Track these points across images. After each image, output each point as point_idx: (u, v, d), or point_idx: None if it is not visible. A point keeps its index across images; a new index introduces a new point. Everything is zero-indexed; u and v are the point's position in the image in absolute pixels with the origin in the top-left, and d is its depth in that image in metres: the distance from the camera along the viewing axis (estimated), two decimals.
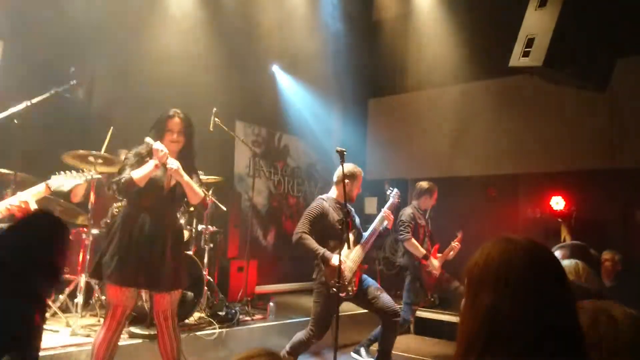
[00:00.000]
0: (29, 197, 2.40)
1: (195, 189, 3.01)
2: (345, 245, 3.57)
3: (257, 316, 5.20)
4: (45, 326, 4.04)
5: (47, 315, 4.23)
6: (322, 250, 3.63)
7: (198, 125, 3.36)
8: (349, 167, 3.87)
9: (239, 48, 6.66)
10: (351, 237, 3.69)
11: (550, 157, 6.55)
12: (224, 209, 5.38)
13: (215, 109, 5.03)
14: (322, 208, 3.81)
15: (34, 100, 3.87)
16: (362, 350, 4.56)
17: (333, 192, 3.97)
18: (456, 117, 7.49)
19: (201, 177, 3.41)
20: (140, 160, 2.94)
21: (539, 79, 4.56)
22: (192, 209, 4.91)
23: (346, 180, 3.75)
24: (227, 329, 4.52)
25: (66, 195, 4.26)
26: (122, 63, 5.64)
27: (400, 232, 4.72)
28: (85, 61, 5.11)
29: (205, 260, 5.03)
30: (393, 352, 4.00)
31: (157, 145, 2.89)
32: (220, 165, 6.13)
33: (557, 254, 2.13)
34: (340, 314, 3.29)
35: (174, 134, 3.01)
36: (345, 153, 3.55)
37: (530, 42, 3.94)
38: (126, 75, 5.66)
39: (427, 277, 4.72)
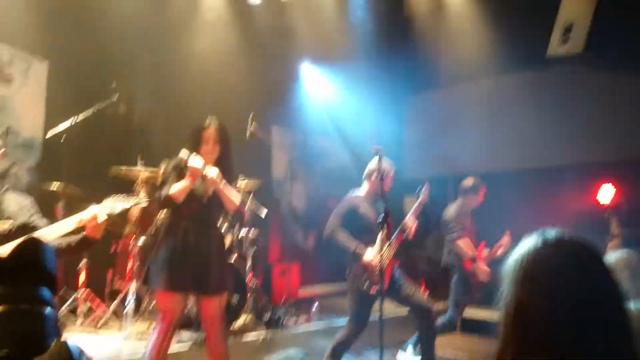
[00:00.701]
0: (100, 210, 2.50)
1: (231, 197, 3.06)
2: (378, 242, 3.54)
3: (302, 318, 5.24)
4: (100, 332, 4.23)
5: (102, 321, 4.41)
6: (354, 246, 3.63)
7: (235, 132, 3.42)
8: (374, 162, 3.86)
9: (271, 52, 6.73)
10: (382, 234, 3.66)
11: (595, 147, 6.31)
12: (264, 213, 5.44)
13: (252, 114, 5.10)
14: (351, 205, 3.81)
15: (80, 117, 4.05)
16: (410, 348, 4.51)
17: (363, 189, 3.96)
18: (494, 110, 7.33)
19: (240, 181, 3.47)
20: (180, 173, 3.01)
21: (579, 67, 4.41)
22: (237, 213, 5.00)
23: (374, 175, 3.77)
24: (272, 333, 4.57)
25: (123, 217, 4.46)
26: (159, 77, 5.81)
27: (451, 231, 4.63)
28: (125, 77, 5.28)
29: (248, 264, 5.10)
30: (439, 352, 3.94)
31: (192, 162, 2.91)
32: (258, 169, 6.22)
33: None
34: (384, 314, 3.27)
35: (210, 145, 3.06)
36: (382, 152, 3.54)
37: (568, 29, 3.83)
38: (164, 88, 5.83)
39: (474, 275, 4.63)
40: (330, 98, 7.68)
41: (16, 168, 4.83)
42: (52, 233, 2.40)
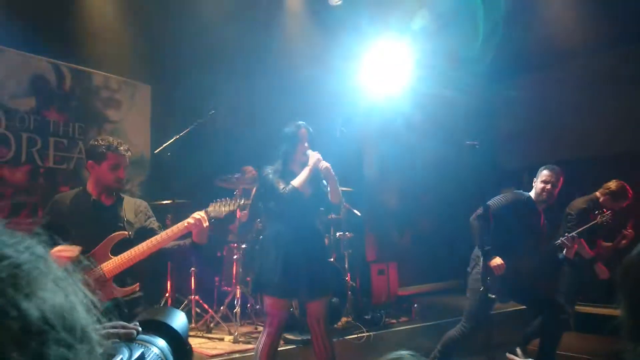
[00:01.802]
0: (203, 214, 2.67)
1: (338, 187, 3.14)
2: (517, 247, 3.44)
3: (403, 318, 5.19)
4: (210, 335, 4.49)
5: (212, 324, 4.68)
6: (488, 246, 3.50)
7: (325, 131, 3.48)
8: (546, 169, 3.72)
9: (352, 51, 6.73)
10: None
11: None
12: (358, 214, 5.46)
13: (341, 118, 5.16)
14: (510, 201, 3.68)
15: (182, 133, 4.34)
16: (518, 350, 4.30)
17: (532, 191, 3.80)
18: (594, 92, 6.76)
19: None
20: (282, 176, 3.09)
21: None
22: (332, 215, 5.08)
23: (540, 180, 3.65)
24: (375, 332, 4.57)
25: (232, 217, 4.73)
26: (250, 86, 6.06)
27: (570, 227, 4.35)
28: (220, 91, 5.57)
29: (346, 265, 5.15)
30: None
31: (310, 153, 3.06)
32: (350, 168, 6.24)
33: None
34: (493, 311, 3.15)
35: (305, 143, 3.13)
36: (476, 146, 3.40)
37: None
38: (253, 98, 6.07)
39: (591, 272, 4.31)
40: (419, 90, 7.50)
41: (129, 184, 5.29)
42: (163, 238, 2.57)
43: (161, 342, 0.66)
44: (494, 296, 3.33)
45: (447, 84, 7.58)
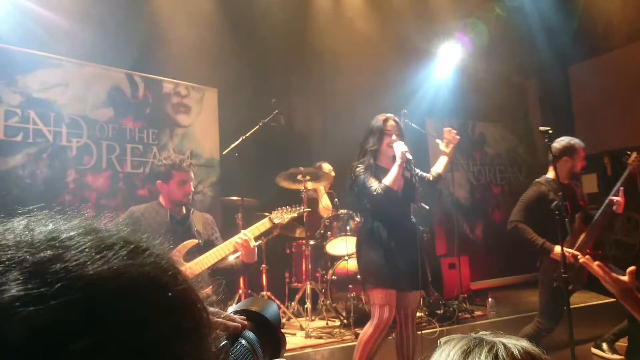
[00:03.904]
0: (249, 234, 2.76)
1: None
2: (569, 232, 3.25)
3: (477, 312, 5.04)
4: (282, 330, 4.58)
5: (284, 320, 4.77)
6: (540, 240, 3.37)
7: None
8: (562, 141, 3.54)
9: (414, 45, 6.62)
10: (568, 226, 3.33)
11: None
12: (427, 207, 5.35)
13: (404, 111, 5.08)
14: (538, 193, 3.53)
15: (248, 134, 4.45)
16: (605, 345, 4.04)
17: (550, 173, 3.63)
18: None
19: None
20: (373, 173, 3.02)
21: None
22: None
23: (564, 157, 3.45)
24: (448, 327, 4.47)
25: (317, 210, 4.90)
26: (311, 84, 6.12)
27: None
28: (283, 91, 5.67)
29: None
30: None
31: (399, 147, 2.96)
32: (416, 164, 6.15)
33: None
34: (572, 306, 2.99)
35: (392, 136, 3.05)
36: (550, 132, 3.23)
37: None
38: (317, 96, 6.12)
39: None
40: (482, 80, 7.25)
41: (202, 186, 5.51)
42: (215, 256, 2.70)
43: (249, 334, 0.67)
44: (570, 287, 3.17)
45: (517, 69, 7.27)
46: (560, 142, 3.55)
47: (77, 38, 4.81)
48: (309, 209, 4.36)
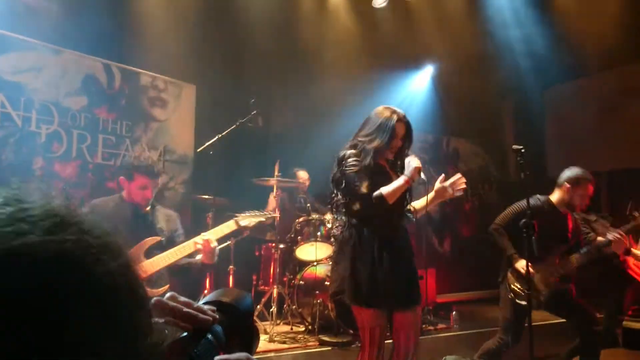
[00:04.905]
0: (212, 235, 2.73)
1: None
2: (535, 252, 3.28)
3: (441, 325, 5.09)
4: None
5: None
6: (511, 250, 3.41)
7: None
8: (574, 170, 3.55)
9: (395, 56, 6.68)
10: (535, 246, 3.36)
11: None
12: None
13: None
14: (531, 207, 3.54)
15: (224, 133, 4.41)
16: None
17: (555, 195, 3.65)
18: None
19: None
20: (367, 171, 2.57)
21: None
22: None
23: (567, 185, 3.48)
24: None
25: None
26: (291, 86, 6.11)
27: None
28: (262, 92, 5.64)
29: None
30: None
31: (414, 162, 2.59)
32: None
33: None
34: (533, 323, 3.04)
35: (399, 139, 2.67)
36: (523, 151, 3.28)
37: None
38: (296, 99, 6.11)
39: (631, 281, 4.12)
40: (460, 97, 7.38)
41: (173, 182, 5.42)
42: (174, 255, 2.67)
43: (217, 328, 0.63)
44: (524, 302, 3.22)
45: (494, 88, 7.41)
46: (571, 169, 3.56)
47: (54, 22, 4.70)
48: (277, 215, 4.35)
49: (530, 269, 3.23)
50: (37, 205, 0.40)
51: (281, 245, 4.88)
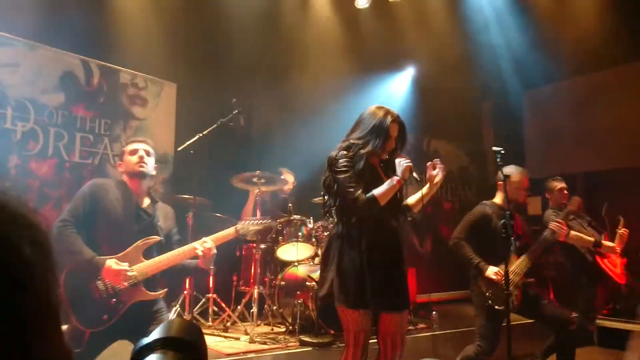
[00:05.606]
0: (212, 242, 2.69)
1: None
2: (515, 251, 3.33)
3: (421, 325, 5.12)
4: (226, 334, 4.50)
5: (229, 323, 4.69)
6: (477, 260, 3.44)
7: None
8: (509, 168, 3.62)
9: (377, 56, 6.71)
10: (514, 246, 3.42)
11: None
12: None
13: None
14: (483, 214, 3.60)
15: (205, 132, 4.36)
16: None
17: (497, 197, 3.72)
18: (625, 102, 6.59)
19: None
20: (359, 173, 2.50)
21: None
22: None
23: (499, 183, 3.54)
24: None
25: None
26: (274, 87, 6.08)
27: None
28: (244, 92, 5.61)
29: None
30: None
31: (405, 163, 2.54)
32: None
33: None
34: (512, 322, 3.07)
35: (392, 140, 2.60)
36: (502, 152, 3.32)
37: None
38: (279, 100, 6.09)
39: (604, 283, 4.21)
40: (440, 98, 7.43)
41: (153, 181, 5.35)
42: (173, 259, 2.62)
43: None
44: (501, 308, 3.26)
45: (474, 90, 7.49)
46: (507, 168, 3.61)
47: (31, 18, 4.59)
48: (277, 223, 4.34)
49: (498, 269, 3.29)
50: None
51: (262, 246, 4.85)
